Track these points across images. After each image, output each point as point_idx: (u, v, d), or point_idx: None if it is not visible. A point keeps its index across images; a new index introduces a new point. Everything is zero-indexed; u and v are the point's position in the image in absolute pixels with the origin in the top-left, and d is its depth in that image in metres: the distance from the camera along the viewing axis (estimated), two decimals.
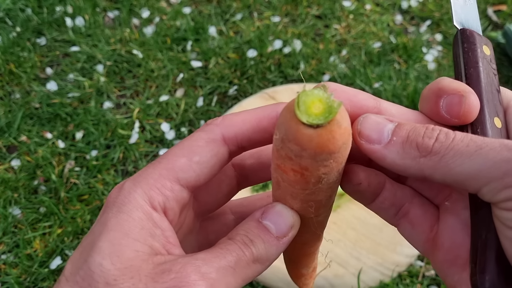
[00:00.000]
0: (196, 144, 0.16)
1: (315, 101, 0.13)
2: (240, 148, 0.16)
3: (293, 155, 0.14)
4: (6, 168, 0.55)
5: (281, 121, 0.14)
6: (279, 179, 0.15)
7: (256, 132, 0.16)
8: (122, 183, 0.15)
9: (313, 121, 0.13)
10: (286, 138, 0.13)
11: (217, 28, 0.72)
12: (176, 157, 0.15)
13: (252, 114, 0.16)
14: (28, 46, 0.67)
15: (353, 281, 0.45)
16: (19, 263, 0.47)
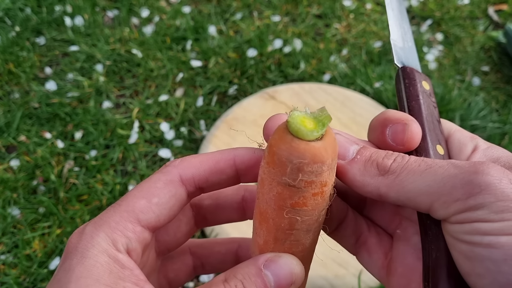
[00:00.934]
0: (154, 186, 0.16)
1: (305, 119, 0.14)
2: (198, 189, 0.17)
3: (312, 176, 0.15)
4: (5, 168, 0.54)
5: (282, 148, 0.14)
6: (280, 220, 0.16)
7: (213, 174, 0.17)
8: (82, 227, 0.15)
9: (314, 134, 0.14)
10: (296, 159, 0.14)
11: (217, 27, 0.71)
12: (136, 199, 0.16)
13: (210, 157, 0.17)
14: (27, 45, 0.67)
15: (354, 281, 0.45)
16: (18, 263, 0.47)
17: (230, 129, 0.56)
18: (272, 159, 0.15)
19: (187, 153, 0.57)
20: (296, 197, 0.15)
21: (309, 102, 0.59)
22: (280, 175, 0.15)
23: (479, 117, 0.60)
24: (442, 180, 0.14)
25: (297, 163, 0.14)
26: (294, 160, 0.14)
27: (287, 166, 0.15)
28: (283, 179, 0.15)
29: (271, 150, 0.15)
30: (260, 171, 0.16)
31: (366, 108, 0.59)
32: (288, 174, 0.15)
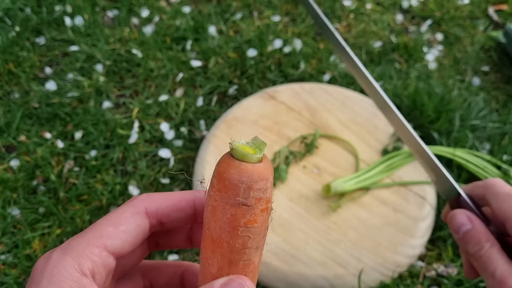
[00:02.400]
0: (122, 215, 0.18)
1: (245, 146, 0.17)
2: (160, 223, 0.19)
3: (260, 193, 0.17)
4: (5, 168, 0.54)
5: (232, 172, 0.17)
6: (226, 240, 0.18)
7: (175, 211, 0.19)
8: (49, 253, 0.16)
9: (257, 157, 0.17)
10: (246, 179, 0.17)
11: (217, 27, 0.71)
12: (104, 226, 0.17)
13: (174, 195, 0.19)
14: (27, 45, 0.67)
15: (354, 281, 0.45)
16: (18, 263, 0.47)
17: (230, 129, 0.56)
18: (224, 185, 0.17)
19: (187, 153, 0.57)
20: (248, 215, 0.17)
21: (309, 102, 0.59)
22: (233, 197, 0.17)
23: (479, 117, 0.60)
24: None
25: (247, 182, 0.17)
26: (245, 180, 0.17)
27: (239, 187, 0.17)
28: (237, 199, 0.17)
29: (222, 177, 0.17)
30: (210, 201, 0.18)
31: (366, 108, 0.59)
32: (241, 194, 0.17)
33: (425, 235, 0.49)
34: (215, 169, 0.18)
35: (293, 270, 0.45)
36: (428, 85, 0.62)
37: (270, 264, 0.45)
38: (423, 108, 0.57)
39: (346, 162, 0.54)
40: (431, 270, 0.48)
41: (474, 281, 0.47)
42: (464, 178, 0.52)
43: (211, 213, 0.18)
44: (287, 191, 0.51)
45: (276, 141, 0.55)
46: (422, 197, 0.51)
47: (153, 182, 0.54)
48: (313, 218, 0.49)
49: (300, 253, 0.46)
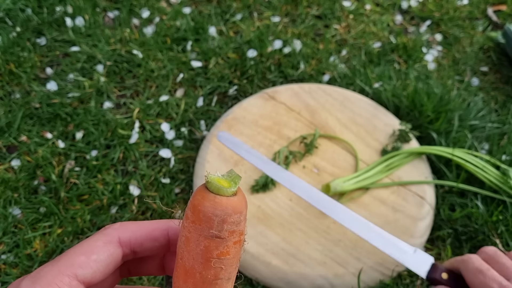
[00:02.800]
0: (94, 244, 0.18)
1: (220, 179, 0.18)
2: (133, 252, 0.19)
3: (234, 226, 0.18)
4: (6, 168, 0.55)
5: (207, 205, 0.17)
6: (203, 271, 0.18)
7: (148, 240, 0.19)
8: (18, 281, 0.16)
9: (232, 190, 0.18)
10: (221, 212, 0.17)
11: (217, 28, 0.72)
12: (75, 255, 0.17)
13: (147, 224, 0.19)
14: (28, 46, 0.67)
15: (353, 280, 0.45)
16: (19, 263, 0.47)
17: (230, 129, 0.56)
18: (198, 217, 0.18)
19: (187, 153, 0.57)
20: (221, 247, 0.18)
21: (309, 102, 0.59)
22: (207, 230, 0.18)
23: (478, 117, 0.60)
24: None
25: (221, 215, 0.17)
26: (219, 213, 0.17)
27: (213, 220, 0.18)
28: (211, 232, 0.18)
29: (196, 210, 0.18)
30: (184, 232, 0.18)
31: (366, 108, 0.59)
32: (215, 227, 0.18)
33: (424, 234, 0.49)
34: (189, 201, 0.18)
35: (293, 270, 0.45)
36: (427, 86, 0.62)
37: (270, 264, 0.45)
38: (422, 108, 0.58)
39: (345, 162, 0.54)
40: None
41: None
42: (463, 178, 0.52)
43: (185, 244, 0.19)
44: (287, 191, 0.51)
45: (276, 141, 0.55)
46: (421, 197, 0.51)
47: (154, 182, 0.54)
48: (313, 217, 0.49)
49: (299, 253, 0.46)
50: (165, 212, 0.51)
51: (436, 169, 0.55)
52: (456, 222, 0.50)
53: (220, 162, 0.53)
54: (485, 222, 0.49)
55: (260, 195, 0.50)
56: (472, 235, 0.50)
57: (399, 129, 0.55)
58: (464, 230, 0.50)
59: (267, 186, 0.50)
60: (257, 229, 0.48)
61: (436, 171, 0.55)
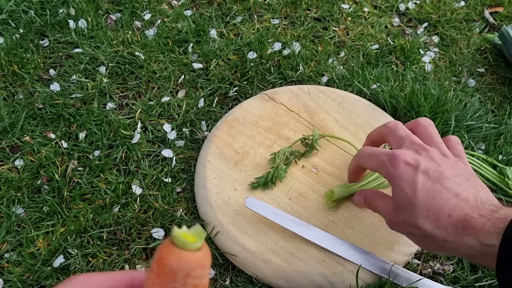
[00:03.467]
0: None
1: (186, 234, 0.18)
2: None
3: (197, 279, 0.18)
4: (10, 168, 0.55)
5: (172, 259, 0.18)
6: None
7: (110, 283, 0.20)
8: None
9: (197, 245, 0.18)
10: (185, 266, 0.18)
11: (218, 30, 0.73)
12: None
13: (112, 275, 0.20)
14: (31, 47, 0.68)
15: (352, 278, 0.46)
16: (22, 261, 0.47)
17: (231, 130, 0.57)
18: (163, 270, 0.18)
19: (189, 152, 0.58)
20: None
21: (308, 103, 0.60)
22: (171, 283, 0.18)
23: (475, 118, 0.61)
24: None
25: (186, 270, 0.18)
26: (184, 267, 0.18)
27: (177, 274, 0.18)
28: (174, 285, 0.18)
29: (161, 263, 0.18)
30: (148, 284, 0.19)
31: (364, 109, 0.60)
32: (179, 280, 0.18)
33: None
34: (155, 254, 0.19)
35: (292, 268, 0.46)
36: (424, 87, 0.63)
37: (270, 262, 0.46)
38: (420, 109, 0.58)
39: (344, 161, 0.55)
40: (427, 267, 0.49)
41: (470, 279, 0.48)
42: None
43: None
44: (286, 190, 0.52)
45: (275, 141, 0.56)
46: None
47: (155, 181, 0.55)
48: (312, 216, 0.50)
49: (299, 251, 0.47)
50: (166, 211, 0.52)
51: None
52: None
53: (221, 162, 0.53)
54: None
55: (260, 194, 0.51)
56: None
57: None
58: None
59: (267, 185, 0.51)
60: (257, 228, 0.49)
61: None
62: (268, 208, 0.48)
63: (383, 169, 0.36)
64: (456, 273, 0.48)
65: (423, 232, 0.32)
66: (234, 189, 0.51)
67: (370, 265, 0.45)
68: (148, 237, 0.50)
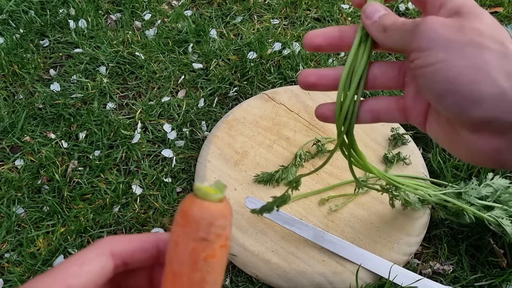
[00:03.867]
0: (87, 256, 0.19)
1: (208, 187, 0.19)
2: (124, 264, 0.20)
3: (220, 229, 0.19)
4: (10, 167, 0.55)
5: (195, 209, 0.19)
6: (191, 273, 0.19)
7: (139, 252, 0.20)
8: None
9: (218, 196, 0.19)
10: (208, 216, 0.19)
11: (218, 30, 0.73)
12: (69, 266, 0.18)
13: (138, 237, 0.20)
14: (31, 47, 0.68)
15: (352, 278, 0.46)
16: (23, 261, 0.47)
17: (231, 130, 0.57)
18: (187, 221, 0.19)
19: (189, 153, 0.58)
20: (208, 250, 0.19)
21: (308, 103, 0.60)
22: (195, 232, 0.19)
23: None
24: (406, 35, 0.22)
25: (209, 219, 0.19)
26: (206, 216, 0.19)
27: (200, 223, 0.19)
28: (198, 234, 0.19)
29: (185, 214, 0.19)
30: (173, 237, 0.20)
31: None
32: (202, 229, 0.19)
33: (421, 233, 0.50)
34: (179, 208, 0.19)
35: (292, 267, 0.46)
36: None
37: (269, 261, 0.46)
38: None
39: (344, 161, 0.55)
40: (427, 267, 0.49)
41: (469, 279, 0.48)
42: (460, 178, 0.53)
43: (174, 248, 0.20)
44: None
45: (275, 141, 0.56)
46: None
47: (156, 181, 0.55)
48: (311, 216, 0.50)
49: (299, 251, 0.47)
50: (167, 211, 0.52)
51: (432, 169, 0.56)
52: (453, 221, 0.51)
53: (221, 162, 0.54)
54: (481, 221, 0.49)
55: (260, 194, 0.51)
56: (469, 234, 0.51)
57: (392, 134, 0.56)
58: (460, 229, 0.51)
59: (271, 182, 0.51)
60: (257, 228, 0.49)
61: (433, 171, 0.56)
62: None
63: None
64: (456, 273, 0.48)
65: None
66: (234, 189, 0.51)
67: (369, 265, 0.45)
68: None
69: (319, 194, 0.52)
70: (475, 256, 0.50)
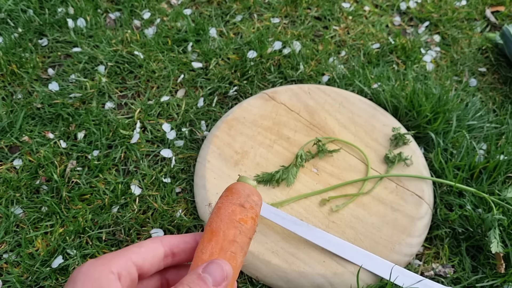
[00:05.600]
0: (144, 242, 0.26)
1: (244, 178, 0.29)
2: (172, 253, 0.26)
3: (253, 203, 0.27)
4: (8, 168, 0.55)
5: (239, 185, 0.28)
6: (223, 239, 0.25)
7: (182, 242, 0.27)
8: (92, 261, 0.23)
9: (254, 183, 0.28)
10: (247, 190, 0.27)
11: (218, 29, 0.72)
12: (129, 247, 0.25)
13: (182, 235, 0.27)
14: (30, 47, 0.68)
15: (352, 279, 0.45)
16: (21, 262, 0.47)
17: (231, 130, 0.56)
18: (231, 192, 0.27)
19: (188, 152, 0.58)
20: (243, 214, 0.26)
21: (308, 103, 0.60)
22: (236, 199, 0.26)
23: (476, 118, 0.61)
24: None
25: (247, 192, 0.27)
26: (246, 190, 0.27)
27: (241, 193, 0.27)
28: (238, 200, 0.26)
29: (229, 188, 0.27)
30: (217, 205, 0.27)
31: (364, 108, 0.60)
32: (242, 197, 0.27)
33: (423, 234, 0.50)
34: (224, 190, 0.27)
35: (292, 268, 0.46)
36: (425, 86, 0.63)
37: (270, 262, 0.46)
38: (421, 108, 0.58)
39: (344, 161, 0.54)
40: (429, 269, 0.48)
41: (471, 280, 0.47)
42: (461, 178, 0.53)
43: (216, 212, 0.26)
44: (287, 190, 0.51)
45: (275, 141, 0.56)
46: (419, 197, 0.51)
47: (155, 181, 0.54)
48: (312, 217, 0.49)
49: (299, 252, 0.47)
50: (166, 211, 0.51)
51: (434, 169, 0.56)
52: (454, 221, 0.51)
53: (221, 162, 0.53)
54: (482, 222, 0.49)
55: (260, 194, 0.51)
56: (470, 235, 0.50)
57: (393, 134, 0.56)
58: (462, 230, 0.50)
59: (271, 182, 0.51)
60: (257, 228, 0.48)
61: (434, 171, 0.56)
62: (268, 209, 0.47)
63: None
64: (458, 274, 0.48)
65: None
66: None
67: (371, 266, 0.45)
68: (147, 237, 0.49)
69: (320, 195, 0.51)
70: (476, 257, 0.50)
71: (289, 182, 0.51)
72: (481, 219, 0.49)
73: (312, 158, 0.54)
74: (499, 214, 0.48)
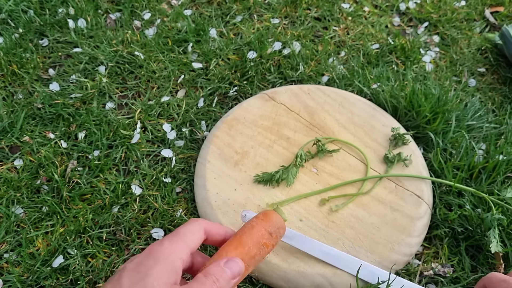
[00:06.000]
0: (194, 228, 0.33)
1: (280, 211, 0.39)
2: (209, 235, 0.34)
3: (278, 235, 0.37)
4: (9, 168, 0.55)
5: (274, 217, 0.37)
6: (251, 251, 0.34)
7: (216, 231, 0.34)
8: (161, 241, 0.31)
9: (285, 218, 0.39)
10: (279, 223, 0.37)
11: (218, 30, 0.72)
12: (183, 234, 0.32)
13: (217, 225, 0.35)
14: (30, 47, 0.68)
15: (352, 279, 0.46)
16: (22, 261, 0.47)
17: (231, 130, 0.57)
18: (267, 218, 0.36)
19: (188, 152, 0.58)
20: (268, 240, 0.35)
21: (308, 103, 0.60)
22: (268, 226, 0.35)
23: (476, 118, 0.61)
24: None
25: (278, 223, 0.37)
26: (279, 222, 0.37)
27: (274, 224, 0.36)
28: (269, 228, 0.35)
29: (268, 215, 0.37)
30: (252, 223, 0.36)
31: (364, 109, 0.60)
32: (273, 226, 0.36)
33: (422, 233, 0.50)
34: (262, 212, 0.37)
35: (292, 268, 0.46)
36: (425, 86, 0.63)
37: (270, 262, 0.46)
38: (420, 109, 0.58)
39: (344, 161, 0.55)
40: (428, 269, 0.49)
41: (470, 279, 0.48)
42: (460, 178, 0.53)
43: (250, 229, 0.34)
44: (287, 190, 0.52)
45: (275, 141, 0.56)
46: (419, 196, 0.52)
47: (155, 181, 0.54)
48: (312, 217, 0.50)
49: (299, 251, 0.47)
50: (166, 211, 0.51)
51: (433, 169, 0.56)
52: (454, 221, 0.51)
53: (221, 162, 0.53)
54: (482, 222, 0.49)
55: (260, 194, 0.51)
56: (469, 235, 0.50)
57: (393, 134, 0.56)
58: (461, 229, 0.51)
59: (271, 182, 0.51)
60: None
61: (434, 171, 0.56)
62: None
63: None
64: (457, 273, 0.48)
65: None
66: (234, 189, 0.51)
67: (370, 278, 0.44)
68: (147, 237, 0.50)
69: (319, 195, 0.51)
70: (475, 257, 0.50)
71: (289, 182, 0.51)
72: (481, 219, 0.49)
73: (311, 158, 0.54)
74: (499, 214, 0.48)
